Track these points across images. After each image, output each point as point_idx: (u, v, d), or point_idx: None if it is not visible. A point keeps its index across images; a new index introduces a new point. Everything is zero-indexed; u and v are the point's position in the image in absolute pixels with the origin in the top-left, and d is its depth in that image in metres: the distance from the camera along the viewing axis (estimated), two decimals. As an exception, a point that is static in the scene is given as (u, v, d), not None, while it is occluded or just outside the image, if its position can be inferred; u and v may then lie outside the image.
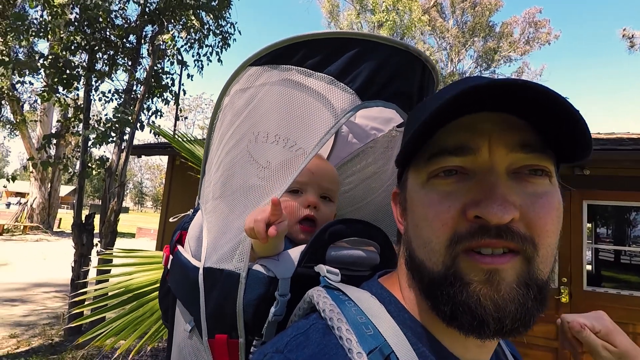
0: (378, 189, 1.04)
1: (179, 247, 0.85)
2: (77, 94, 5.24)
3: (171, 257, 0.87)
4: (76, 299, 2.71)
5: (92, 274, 4.81)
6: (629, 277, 4.13)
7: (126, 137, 4.93)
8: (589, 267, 4.18)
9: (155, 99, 5.65)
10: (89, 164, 4.86)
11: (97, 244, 4.71)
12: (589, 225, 4.24)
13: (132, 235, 17.79)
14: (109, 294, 2.21)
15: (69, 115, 5.63)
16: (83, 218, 4.71)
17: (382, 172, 1.05)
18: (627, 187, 3.95)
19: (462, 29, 21.71)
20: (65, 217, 20.39)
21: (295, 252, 0.65)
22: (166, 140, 5.36)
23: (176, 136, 3.10)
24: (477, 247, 0.38)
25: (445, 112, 0.38)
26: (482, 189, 0.39)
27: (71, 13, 4.84)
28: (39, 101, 10.25)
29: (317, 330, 0.43)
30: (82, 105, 5.05)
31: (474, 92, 0.36)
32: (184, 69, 5.91)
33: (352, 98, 0.66)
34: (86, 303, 2.64)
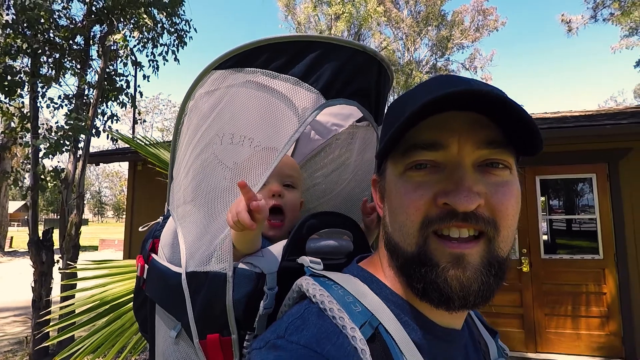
0: (344, 181, 1.10)
1: (154, 256, 0.85)
2: (22, 102, 4.87)
3: (147, 266, 0.87)
4: (41, 319, 2.55)
5: (56, 292, 4.54)
6: (580, 243, 4.54)
7: (81, 144, 4.66)
8: (545, 237, 4.55)
9: (110, 103, 5.37)
10: (42, 176, 4.55)
11: (58, 261, 4.44)
12: (543, 198, 4.60)
13: (95, 248, 16.89)
14: (80, 309, 2.11)
15: (14, 124, 5.22)
16: (40, 234, 4.43)
17: (347, 165, 1.10)
18: (573, 161, 4.33)
19: (416, 18, 22.26)
20: (17, 235, 18.93)
21: (277, 248, 0.69)
22: (125, 146, 5.10)
23: (136, 139, 2.95)
24: (446, 228, 0.44)
25: (420, 115, 0.44)
26: (451, 180, 0.44)
27: (7, 14, 4.45)
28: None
29: (311, 313, 0.47)
30: (28, 114, 4.71)
31: (446, 99, 0.42)
32: (138, 69, 5.65)
33: (317, 97, 0.70)
34: (52, 323, 2.49)
